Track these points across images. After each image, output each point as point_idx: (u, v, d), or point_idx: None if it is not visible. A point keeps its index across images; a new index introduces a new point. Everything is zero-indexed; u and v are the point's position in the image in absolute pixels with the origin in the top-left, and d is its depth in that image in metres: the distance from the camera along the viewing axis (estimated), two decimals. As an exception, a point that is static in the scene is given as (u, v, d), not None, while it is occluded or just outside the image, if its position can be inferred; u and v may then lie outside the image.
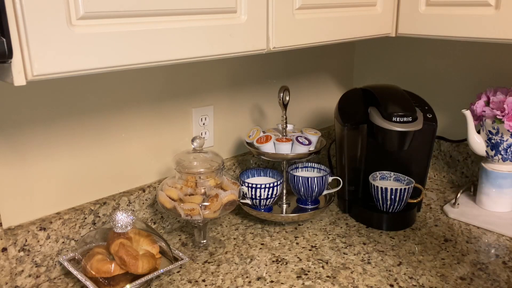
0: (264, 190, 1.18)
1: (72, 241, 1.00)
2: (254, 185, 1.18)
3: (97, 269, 0.90)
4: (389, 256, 1.08)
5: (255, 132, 1.26)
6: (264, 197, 1.19)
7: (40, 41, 0.57)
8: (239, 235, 1.18)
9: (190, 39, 0.74)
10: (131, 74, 1.06)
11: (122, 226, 0.94)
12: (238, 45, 0.82)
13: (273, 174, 1.28)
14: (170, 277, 1.00)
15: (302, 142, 1.21)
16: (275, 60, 1.39)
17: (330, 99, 1.62)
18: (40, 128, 0.94)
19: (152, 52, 0.70)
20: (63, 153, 0.99)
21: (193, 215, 1.01)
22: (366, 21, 1.09)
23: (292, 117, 1.48)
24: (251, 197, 1.20)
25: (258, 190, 1.18)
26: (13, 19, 0.55)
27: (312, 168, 1.33)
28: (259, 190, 1.18)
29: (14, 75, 0.57)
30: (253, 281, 0.99)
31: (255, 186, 1.18)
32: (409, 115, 1.15)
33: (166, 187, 1.06)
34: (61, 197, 1.00)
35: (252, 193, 1.19)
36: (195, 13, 0.74)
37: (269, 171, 1.29)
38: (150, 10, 0.68)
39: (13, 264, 0.92)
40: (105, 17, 0.64)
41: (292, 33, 0.91)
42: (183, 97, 1.18)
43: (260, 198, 1.20)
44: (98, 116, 1.03)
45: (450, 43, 1.42)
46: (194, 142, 1.07)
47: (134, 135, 1.10)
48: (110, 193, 1.08)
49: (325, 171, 1.30)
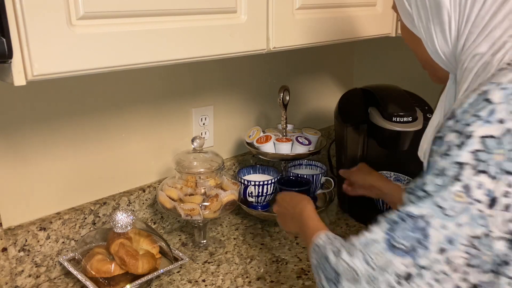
0: (259, 187, 1.19)
1: (72, 241, 1.00)
2: (252, 183, 1.19)
3: (97, 269, 0.90)
4: (389, 256, 1.08)
5: (255, 132, 1.26)
6: (260, 194, 1.20)
7: (40, 41, 0.57)
8: (239, 235, 1.18)
9: (190, 39, 0.74)
10: (131, 74, 1.06)
11: (122, 226, 0.94)
12: (238, 45, 0.82)
13: (269, 171, 1.29)
14: (170, 277, 1.00)
15: (302, 142, 1.21)
16: (275, 60, 1.39)
17: (330, 99, 1.62)
18: (40, 128, 0.94)
19: (152, 52, 0.70)
20: (63, 153, 0.99)
21: (193, 215, 1.01)
22: (366, 21, 1.09)
23: (292, 117, 1.48)
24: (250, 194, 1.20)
25: (255, 187, 1.19)
26: (13, 19, 0.55)
27: (310, 166, 1.34)
28: (256, 187, 1.19)
29: (14, 75, 0.57)
30: (253, 281, 0.99)
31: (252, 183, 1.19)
32: (409, 115, 1.15)
33: (166, 187, 1.06)
34: (61, 197, 1.00)
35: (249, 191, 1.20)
36: (195, 13, 0.74)
37: (266, 169, 1.29)
38: (150, 10, 0.68)
39: (13, 264, 0.92)
40: (105, 17, 0.64)
41: (292, 33, 0.91)
42: (183, 97, 1.18)
43: (258, 196, 1.20)
44: (98, 116, 1.02)
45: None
46: (194, 142, 1.07)
47: (134, 135, 1.10)
48: (110, 193, 1.08)
49: (322, 169, 1.30)
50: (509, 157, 0.46)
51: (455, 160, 0.49)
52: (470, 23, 0.58)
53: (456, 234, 0.49)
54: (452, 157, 0.49)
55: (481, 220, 0.48)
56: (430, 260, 0.50)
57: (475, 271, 0.49)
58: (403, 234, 0.51)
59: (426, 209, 0.50)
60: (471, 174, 0.48)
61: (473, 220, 0.48)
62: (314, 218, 0.78)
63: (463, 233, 0.48)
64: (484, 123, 0.47)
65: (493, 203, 0.47)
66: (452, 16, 0.59)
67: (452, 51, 0.62)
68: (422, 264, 0.50)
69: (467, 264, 0.49)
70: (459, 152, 0.48)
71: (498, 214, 0.47)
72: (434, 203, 0.50)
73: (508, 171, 0.46)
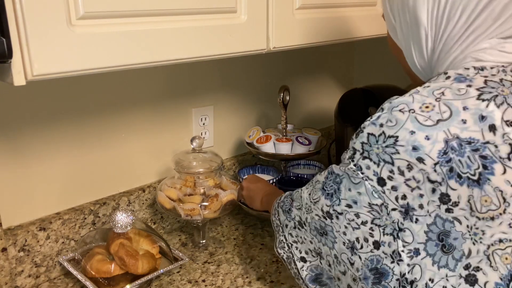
0: None
1: (72, 241, 1.00)
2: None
3: (97, 269, 0.90)
4: (389, 256, 1.08)
5: (255, 132, 1.26)
6: None
7: (40, 41, 0.57)
8: (239, 235, 1.18)
9: (190, 39, 0.74)
10: (131, 74, 1.06)
11: (122, 226, 0.94)
12: (238, 45, 0.82)
13: (270, 171, 1.28)
14: (170, 277, 1.00)
15: (302, 142, 1.21)
16: (275, 60, 1.39)
17: (330, 99, 1.62)
18: (40, 128, 0.94)
19: (152, 52, 0.70)
20: (63, 153, 0.99)
21: (193, 215, 1.01)
22: (366, 21, 1.09)
23: (292, 117, 1.48)
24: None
25: None
26: (13, 19, 0.55)
27: (309, 165, 1.34)
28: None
29: (14, 75, 0.57)
30: (253, 281, 0.99)
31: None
32: (409, 115, 1.14)
33: (165, 188, 1.06)
34: (61, 197, 1.00)
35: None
36: (195, 13, 0.74)
37: (266, 169, 1.29)
38: (150, 10, 0.68)
39: (13, 264, 0.92)
40: (105, 17, 0.64)
41: (292, 33, 0.91)
42: (183, 97, 1.18)
43: None
44: (98, 116, 1.02)
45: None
46: (193, 142, 1.07)
47: (134, 135, 1.10)
48: (110, 193, 1.08)
49: (320, 168, 1.30)
50: (384, 151, 0.59)
51: (352, 145, 0.63)
52: (443, 41, 0.65)
53: (358, 199, 0.62)
54: (352, 143, 0.64)
55: (376, 194, 0.60)
56: (342, 209, 0.64)
57: (379, 229, 0.61)
58: (329, 183, 0.67)
59: (340, 171, 0.65)
60: (360, 158, 0.61)
61: (369, 192, 0.60)
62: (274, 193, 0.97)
63: (364, 200, 0.61)
64: (371, 124, 0.61)
65: (381, 182, 0.59)
66: (428, 33, 0.66)
67: (428, 64, 0.69)
68: (336, 210, 0.65)
69: (372, 222, 0.61)
70: (356, 140, 0.63)
71: (388, 192, 0.59)
72: (336, 174, 0.66)
73: (386, 161, 0.59)
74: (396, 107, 0.60)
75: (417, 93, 0.61)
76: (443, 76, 0.63)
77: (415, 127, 0.57)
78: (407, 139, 0.57)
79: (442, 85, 0.61)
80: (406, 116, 0.58)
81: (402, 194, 0.59)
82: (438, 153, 0.56)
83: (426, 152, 0.56)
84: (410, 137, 0.57)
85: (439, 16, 0.64)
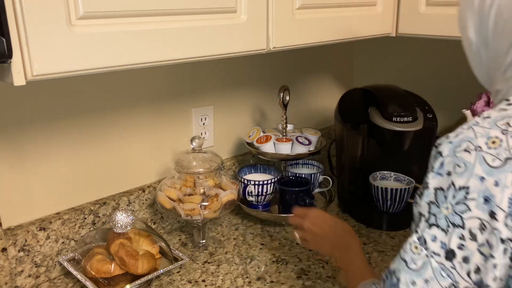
0: (259, 186, 1.19)
1: (72, 241, 1.00)
2: (252, 182, 1.19)
3: (97, 269, 0.90)
4: (389, 256, 1.08)
5: (255, 132, 1.26)
6: (260, 194, 1.20)
7: (39, 41, 0.57)
8: (239, 235, 1.18)
9: (190, 39, 0.74)
10: (131, 74, 1.06)
11: (122, 226, 0.94)
12: (238, 45, 0.82)
13: (270, 171, 1.29)
14: (170, 277, 1.00)
15: (302, 142, 1.21)
16: (275, 60, 1.39)
17: (330, 99, 1.62)
18: (40, 128, 0.94)
19: (152, 52, 0.70)
20: (63, 153, 0.98)
21: (194, 215, 1.01)
22: (366, 21, 1.09)
23: (292, 117, 1.48)
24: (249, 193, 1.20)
25: (255, 186, 1.19)
26: (13, 19, 0.55)
27: (308, 165, 1.34)
28: (255, 186, 1.19)
29: (13, 75, 0.57)
30: (253, 281, 0.99)
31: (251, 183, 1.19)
32: (409, 115, 1.15)
33: (165, 188, 1.06)
34: (61, 197, 1.00)
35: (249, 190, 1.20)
36: (195, 13, 0.74)
37: (267, 168, 1.29)
38: (150, 10, 0.68)
39: (13, 264, 0.92)
40: (105, 17, 0.64)
41: (292, 33, 0.91)
42: (183, 97, 1.18)
43: (258, 195, 1.20)
44: (98, 116, 1.02)
45: (450, 43, 1.42)
46: (193, 142, 1.07)
47: (134, 135, 1.10)
48: (110, 193, 1.08)
49: (319, 167, 1.30)
50: (454, 210, 0.48)
51: (417, 210, 0.51)
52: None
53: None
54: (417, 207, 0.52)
55: (444, 272, 0.49)
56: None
57: None
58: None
59: (396, 264, 0.52)
60: (425, 227, 0.50)
61: (436, 273, 0.49)
62: (362, 258, 0.79)
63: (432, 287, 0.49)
64: (436, 175, 0.50)
65: (450, 255, 0.49)
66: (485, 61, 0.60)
67: (486, 82, 0.64)
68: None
69: None
70: (420, 202, 0.51)
71: (458, 266, 0.48)
72: (400, 257, 0.52)
73: (456, 224, 0.48)
74: (459, 146, 0.49)
75: (477, 125, 0.50)
76: (504, 103, 0.54)
77: (484, 171, 0.47)
78: (478, 188, 0.47)
79: (505, 115, 0.51)
80: (473, 156, 0.48)
81: (475, 266, 0.48)
82: (508, 202, 0.46)
83: (497, 203, 0.46)
84: (481, 186, 0.47)
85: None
